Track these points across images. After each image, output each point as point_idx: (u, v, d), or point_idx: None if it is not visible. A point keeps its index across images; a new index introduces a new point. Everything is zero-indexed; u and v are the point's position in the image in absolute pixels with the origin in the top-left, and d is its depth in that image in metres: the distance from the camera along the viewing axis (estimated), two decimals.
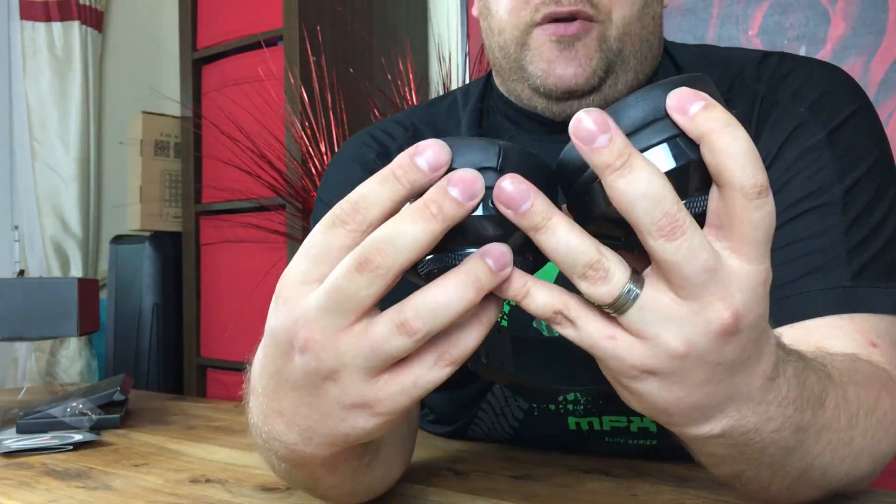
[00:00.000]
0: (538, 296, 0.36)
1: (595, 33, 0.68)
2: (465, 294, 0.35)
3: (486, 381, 0.78)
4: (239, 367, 2.12)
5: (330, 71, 1.90)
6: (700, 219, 0.36)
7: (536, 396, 0.76)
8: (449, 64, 2.11)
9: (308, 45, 1.90)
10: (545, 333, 0.73)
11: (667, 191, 0.33)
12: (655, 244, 0.34)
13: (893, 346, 0.59)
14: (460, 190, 0.35)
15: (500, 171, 0.36)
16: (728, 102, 0.72)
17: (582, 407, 0.74)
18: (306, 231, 1.88)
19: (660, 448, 0.73)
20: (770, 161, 0.68)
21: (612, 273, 0.35)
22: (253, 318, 2.06)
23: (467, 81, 2.07)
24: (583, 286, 0.35)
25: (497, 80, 0.79)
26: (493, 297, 0.37)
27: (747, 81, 0.72)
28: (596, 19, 0.68)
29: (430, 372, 0.37)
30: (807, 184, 0.65)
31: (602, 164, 0.33)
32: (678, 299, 0.35)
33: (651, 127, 0.35)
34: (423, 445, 0.79)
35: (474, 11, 0.78)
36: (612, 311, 0.36)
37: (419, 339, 0.35)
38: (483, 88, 0.83)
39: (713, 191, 0.35)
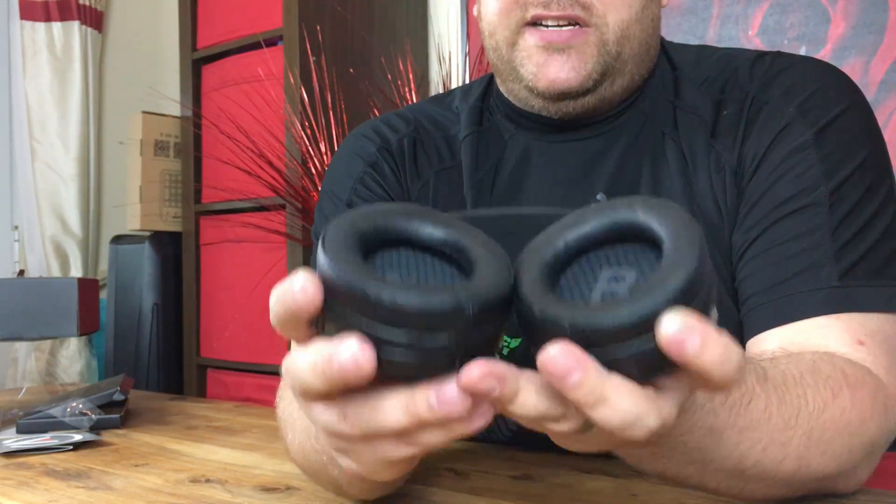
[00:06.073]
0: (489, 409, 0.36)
1: (593, 38, 0.68)
2: (400, 419, 0.35)
3: None
4: (239, 368, 2.12)
5: (330, 71, 1.90)
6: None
7: None
8: (449, 64, 2.11)
9: (308, 45, 1.90)
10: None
11: (641, 408, 0.33)
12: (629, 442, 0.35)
13: (881, 343, 0.60)
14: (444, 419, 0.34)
15: (476, 324, 0.34)
16: (720, 104, 0.72)
17: None
18: (306, 231, 1.88)
19: None
20: (758, 161, 0.68)
21: (570, 417, 0.35)
22: (253, 318, 2.06)
23: (467, 81, 2.07)
24: (548, 425, 0.36)
25: (497, 81, 0.80)
26: (463, 419, 0.36)
27: (740, 82, 0.72)
28: (590, 23, 0.68)
29: (396, 449, 0.37)
30: (793, 184, 0.65)
31: (576, 400, 0.33)
32: None
33: (634, 341, 0.33)
34: None
35: (475, 12, 0.79)
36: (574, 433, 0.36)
37: (357, 435, 0.36)
38: (485, 88, 0.83)
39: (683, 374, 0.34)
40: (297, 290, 0.34)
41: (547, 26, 0.68)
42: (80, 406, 0.95)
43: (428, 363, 0.34)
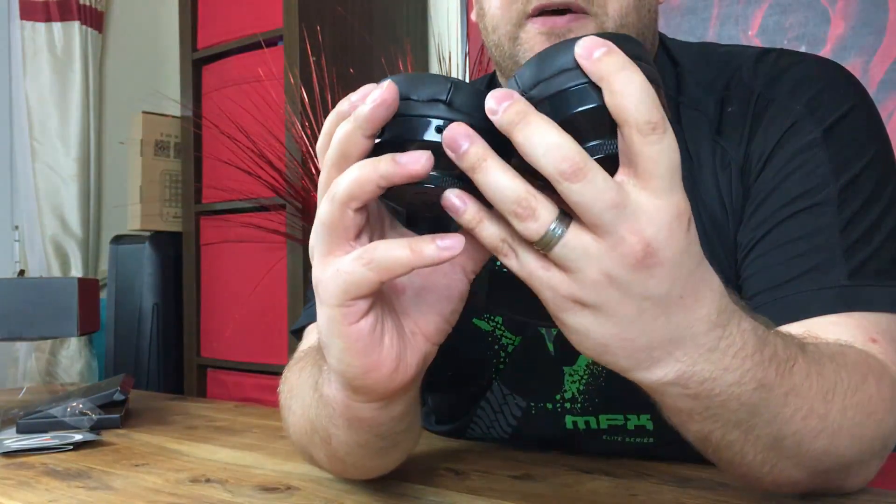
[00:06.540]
0: (488, 225, 0.40)
1: (591, 27, 0.67)
2: (369, 174, 0.40)
3: (484, 380, 0.78)
4: (239, 368, 2.12)
5: (330, 71, 1.90)
6: (615, 160, 0.39)
7: (533, 394, 0.76)
8: (449, 64, 2.11)
9: (308, 45, 1.90)
10: None
11: (563, 138, 0.37)
12: (563, 188, 0.37)
13: (892, 342, 0.60)
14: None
15: (449, 104, 0.40)
16: (724, 101, 0.72)
17: (579, 405, 0.74)
18: (306, 231, 1.88)
19: (657, 446, 0.73)
20: (765, 159, 0.68)
21: (539, 213, 0.38)
22: (253, 318, 2.06)
23: (467, 81, 2.07)
24: (514, 223, 0.39)
25: (499, 79, 0.80)
26: (433, 239, 0.40)
27: (744, 79, 0.72)
28: (590, 12, 0.67)
29: (350, 264, 0.42)
30: (802, 182, 0.65)
31: (506, 123, 0.38)
32: (596, 237, 0.38)
33: (565, 74, 0.39)
34: (423, 444, 0.79)
35: (473, 16, 0.78)
36: (540, 248, 0.39)
37: (335, 201, 0.41)
38: (486, 88, 0.83)
39: (619, 131, 0.38)
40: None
41: (547, 14, 0.68)
42: (81, 406, 0.95)
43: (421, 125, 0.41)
